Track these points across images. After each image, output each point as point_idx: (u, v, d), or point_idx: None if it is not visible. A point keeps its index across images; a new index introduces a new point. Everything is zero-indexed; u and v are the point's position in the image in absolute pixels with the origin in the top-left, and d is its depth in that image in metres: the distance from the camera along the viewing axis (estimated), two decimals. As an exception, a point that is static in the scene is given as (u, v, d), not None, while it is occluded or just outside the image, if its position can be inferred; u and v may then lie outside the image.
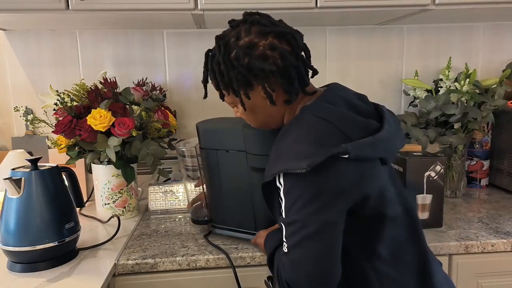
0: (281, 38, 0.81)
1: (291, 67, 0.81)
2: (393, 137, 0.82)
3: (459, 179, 1.51)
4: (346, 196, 0.75)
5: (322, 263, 0.74)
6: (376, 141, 0.77)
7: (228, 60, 0.81)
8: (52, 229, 1.00)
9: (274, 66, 0.79)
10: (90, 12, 1.20)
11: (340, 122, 0.78)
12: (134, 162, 1.33)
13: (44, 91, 1.48)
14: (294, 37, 0.82)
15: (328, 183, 0.73)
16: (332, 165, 0.72)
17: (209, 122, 1.17)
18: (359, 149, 0.74)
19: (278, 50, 0.80)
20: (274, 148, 0.83)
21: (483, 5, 1.28)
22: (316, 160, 0.71)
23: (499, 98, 1.44)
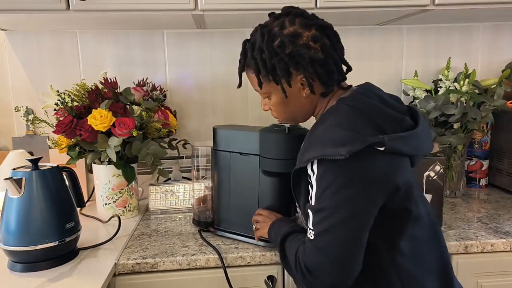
0: (322, 31, 0.84)
1: (331, 60, 0.84)
2: (425, 137, 0.84)
3: (459, 179, 1.51)
4: (379, 186, 0.76)
5: (348, 251, 0.75)
6: (411, 136, 0.79)
7: (272, 47, 0.83)
8: (53, 229, 1.00)
9: (316, 56, 0.82)
10: (91, 13, 1.20)
11: (376, 114, 0.80)
12: (134, 162, 1.34)
13: (45, 91, 1.48)
14: (333, 32, 0.86)
15: (363, 171, 0.75)
16: (368, 155, 0.74)
17: (226, 126, 1.21)
18: (394, 141, 0.76)
19: (320, 42, 0.83)
20: (308, 135, 0.85)
21: (483, 5, 1.28)
22: (355, 148, 0.72)
23: (498, 98, 1.45)
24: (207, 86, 1.63)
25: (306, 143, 0.83)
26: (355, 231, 0.75)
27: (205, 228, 1.22)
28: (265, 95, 0.92)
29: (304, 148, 0.83)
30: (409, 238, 0.82)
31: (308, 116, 0.94)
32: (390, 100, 0.86)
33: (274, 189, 1.09)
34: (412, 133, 0.80)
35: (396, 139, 0.77)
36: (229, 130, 1.15)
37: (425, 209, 0.87)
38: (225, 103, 1.64)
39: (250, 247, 1.10)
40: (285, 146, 1.03)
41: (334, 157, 0.72)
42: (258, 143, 1.08)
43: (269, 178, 1.08)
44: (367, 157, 0.74)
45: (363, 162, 0.74)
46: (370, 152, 0.74)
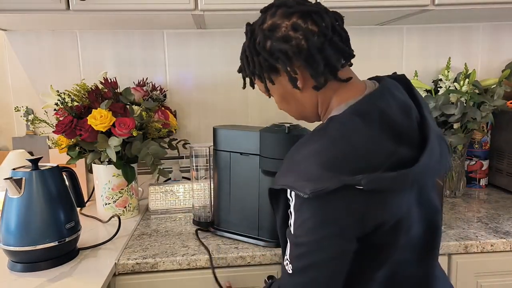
0: (306, 17, 0.75)
1: (315, 49, 0.74)
2: (429, 169, 0.73)
3: (459, 179, 1.51)
4: (356, 225, 0.69)
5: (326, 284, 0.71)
6: (401, 176, 0.69)
7: (253, 46, 0.79)
8: (53, 229, 1.01)
9: (297, 48, 0.74)
10: (91, 13, 1.20)
11: (365, 147, 0.70)
12: (134, 162, 1.34)
13: (45, 91, 1.48)
14: (321, 16, 0.75)
15: (337, 211, 0.68)
16: (344, 193, 0.67)
17: (226, 126, 1.21)
18: (376, 182, 0.67)
19: (301, 30, 0.74)
20: (290, 154, 0.77)
21: (483, 5, 1.28)
22: (321, 188, 0.66)
23: (498, 98, 1.45)
24: (207, 86, 1.63)
25: (285, 165, 0.77)
26: (334, 271, 0.71)
27: (205, 228, 1.23)
28: (266, 93, 0.87)
29: (282, 167, 0.77)
30: (389, 266, 0.76)
31: (314, 114, 0.85)
32: (397, 116, 0.74)
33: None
34: (402, 172, 0.69)
35: (379, 179, 0.67)
36: (229, 130, 1.15)
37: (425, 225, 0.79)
38: (225, 103, 1.64)
39: (250, 247, 1.10)
40: (285, 146, 1.03)
41: (299, 193, 0.68)
42: (258, 143, 1.08)
43: (269, 178, 1.08)
44: (342, 196, 0.67)
45: (337, 201, 0.67)
46: (346, 190, 0.66)
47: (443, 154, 0.77)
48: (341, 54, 0.77)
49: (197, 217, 1.26)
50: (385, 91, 0.77)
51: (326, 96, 0.80)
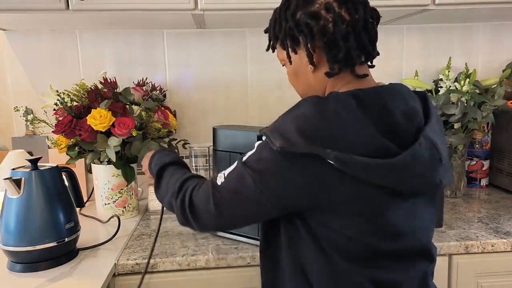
0: (342, 3, 0.74)
1: (340, 36, 0.74)
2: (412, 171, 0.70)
3: (459, 179, 1.51)
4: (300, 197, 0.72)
5: (239, 215, 0.77)
6: (373, 167, 0.68)
7: (284, 11, 0.78)
8: (52, 229, 1.00)
9: (322, 28, 0.74)
10: (90, 12, 1.20)
11: (348, 127, 0.69)
12: (134, 162, 1.33)
13: (44, 91, 1.48)
14: (356, 7, 0.74)
15: (292, 174, 0.70)
16: (309, 162, 0.69)
17: (226, 126, 1.20)
18: (344, 161, 0.67)
19: (333, 13, 0.73)
20: (287, 111, 0.77)
21: (483, 5, 1.28)
22: (290, 148, 0.69)
23: (499, 98, 1.45)
24: (207, 86, 1.63)
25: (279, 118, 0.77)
26: (252, 208, 0.75)
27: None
28: (282, 62, 0.86)
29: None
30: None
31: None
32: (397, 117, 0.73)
33: None
34: (377, 163, 0.67)
35: (350, 161, 0.67)
36: (229, 130, 1.15)
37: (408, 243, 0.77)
38: (225, 103, 1.64)
39: (250, 248, 1.09)
40: None
41: (271, 143, 0.71)
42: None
43: None
44: (304, 164, 0.69)
45: (295, 166, 0.70)
46: (312, 160, 0.68)
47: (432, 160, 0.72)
48: (363, 51, 0.77)
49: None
50: (395, 91, 0.76)
51: (335, 85, 0.80)
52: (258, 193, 0.73)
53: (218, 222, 0.78)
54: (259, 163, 0.73)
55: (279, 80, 1.64)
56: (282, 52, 0.83)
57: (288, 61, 0.83)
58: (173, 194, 0.85)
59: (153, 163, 0.98)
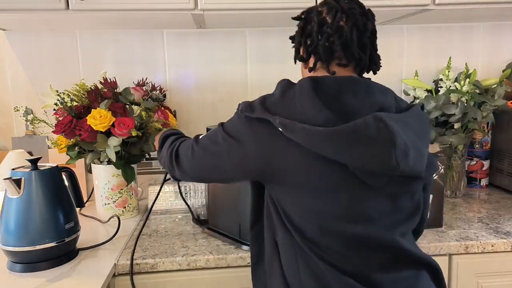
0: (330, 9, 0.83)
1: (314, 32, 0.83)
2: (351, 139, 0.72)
3: (459, 179, 1.51)
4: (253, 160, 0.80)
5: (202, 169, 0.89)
6: (313, 131, 0.73)
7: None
8: (52, 229, 1.00)
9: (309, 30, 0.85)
10: (90, 12, 1.20)
11: (300, 103, 0.78)
12: (134, 162, 1.33)
13: (44, 91, 1.48)
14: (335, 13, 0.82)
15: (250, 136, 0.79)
16: (263, 126, 0.78)
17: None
18: (289, 129, 0.74)
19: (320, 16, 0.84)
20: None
21: (483, 5, 1.28)
22: (249, 113, 0.80)
23: (499, 98, 1.44)
24: (207, 86, 1.63)
25: None
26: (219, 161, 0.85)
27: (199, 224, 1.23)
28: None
29: None
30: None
31: None
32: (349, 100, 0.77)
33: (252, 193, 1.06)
34: (313, 130, 0.73)
35: (289, 127, 0.74)
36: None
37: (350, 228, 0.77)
38: (225, 103, 1.64)
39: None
40: None
41: (239, 108, 0.83)
42: None
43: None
44: (257, 127, 0.78)
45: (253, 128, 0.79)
46: (266, 125, 0.77)
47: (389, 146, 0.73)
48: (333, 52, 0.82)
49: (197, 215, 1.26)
50: (360, 82, 0.81)
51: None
52: (223, 149, 0.83)
53: (193, 169, 0.91)
54: (228, 124, 0.85)
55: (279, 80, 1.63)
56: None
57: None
58: (167, 149, 0.99)
59: (161, 138, 1.10)
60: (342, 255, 0.78)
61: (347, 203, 0.76)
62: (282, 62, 1.63)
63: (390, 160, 0.73)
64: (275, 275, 0.83)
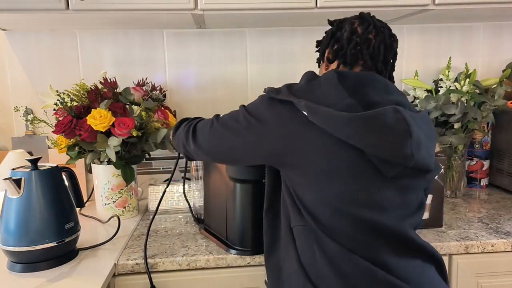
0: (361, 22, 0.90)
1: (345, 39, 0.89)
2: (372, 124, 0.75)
3: (459, 179, 1.51)
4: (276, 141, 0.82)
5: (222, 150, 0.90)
6: (337, 115, 0.75)
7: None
8: (52, 229, 1.00)
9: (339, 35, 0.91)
10: (90, 12, 1.20)
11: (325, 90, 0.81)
12: (134, 162, 1.33)
13: (44, 91, 1.48)
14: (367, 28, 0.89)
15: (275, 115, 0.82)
16: (288, 108, 0.80)
17: None
18: (313, 112, 0.77)
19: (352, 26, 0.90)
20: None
21: (483, 5, 1.28)
22: (274, 95, 0.82)
23: (499, 98, 1.44)
24: (207, 86, 1.63)
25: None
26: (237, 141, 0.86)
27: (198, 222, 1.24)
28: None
29: None
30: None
31: None
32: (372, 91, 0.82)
33: (239, 195, 1.05)
34: (342, 115, 0.75)
35: (315, 110, 0.77)
36: None
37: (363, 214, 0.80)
38: (225, 103, 1.64)
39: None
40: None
41: (264, 92, 0.86)
42: None
43: (232, 183, 1.05)
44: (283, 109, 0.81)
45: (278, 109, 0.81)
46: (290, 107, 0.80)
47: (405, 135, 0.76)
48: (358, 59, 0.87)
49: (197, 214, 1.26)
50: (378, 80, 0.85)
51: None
52: (243, 125, 0.85)
53: (209, 143, 0.92)
54: (251, 105, 0.87)
55: (279, 80, 1.64)
56: None
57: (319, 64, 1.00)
58: (184, 127, 1.02)
59: (177, 122, 1.10)
60: (355, 238, 0.79)
61: (361, 188, 0.78)
62: (282, 62, 1.63)
63: (405, 149, 0.75)
64: (290, 260, 0.84)
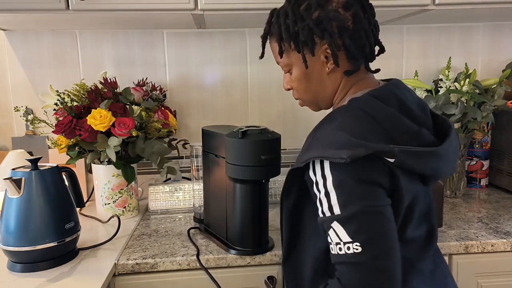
0: (356, 2, 0.77)
1: (363, 31, 0.76)
2: (448, 157, 0.75)
3: (459, 179, 1.51)
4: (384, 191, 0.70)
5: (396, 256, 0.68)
6: (428, 154, 0.71)
7: (298, 10, 0.76)
8: (52, 229, 1.00)
9: (343, 27, 0.75)
10: (90, 12, 1.20)
11: (390, 124, 0.71)
12: (134, 162, 1.33)
13: (44, 91, 1.48)
14: (370, 5, 0.79)
15: (375, 172, 0.68)
16: (374, 163, 0.67)
17: (213, 126, 1.19)
18: (406, 155, 0.68)
19: (352, 10, 0.76)
20: (311, 134, 0.78)
21: (483, 5, 1.28)
22: (358, 153, 0.65)
23: (499, 98, 1.44)
24: (207, 86, 1.63)
25: (308, 143, 0.77)
26: (393, 229, 0.68)
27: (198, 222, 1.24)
28: (286, 68, 0.84)
29: (304, 147, 0.77)
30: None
31: (329, 99, 0.84)
32: (413, 106, 0.77)
33: (239, 195, 1.05)
34: (430, 150, 0.71)
35: (409, 153, 0.69)
36: (209, 130, 1.13)
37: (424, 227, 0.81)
38: (225, 103, 1.64)
39: (250, 247, 1.09)
40: (238, 151, 0.98)
41: (334, 159, 0.66)
42: (224, 146, 1.04)
43: (232, 183, 1.05)
44: (373, 162, 0.67)
45: (371, 165, 0.68)
46: (376, 162, 0.67)
47: (456, 152, 0.80)
48: (377, 45, 0.80)
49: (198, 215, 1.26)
50: (400, 86, 0.80)
51: (348, 83, 0.82)
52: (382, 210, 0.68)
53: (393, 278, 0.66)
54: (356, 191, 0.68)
55: (279, 80, 1.64)
56: (292, 56, 0.81)
57: (301, 65, 0.80)
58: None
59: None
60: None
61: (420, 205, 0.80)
62: (282, 62, 1.62)
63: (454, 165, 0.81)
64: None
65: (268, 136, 0.99)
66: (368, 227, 0.66)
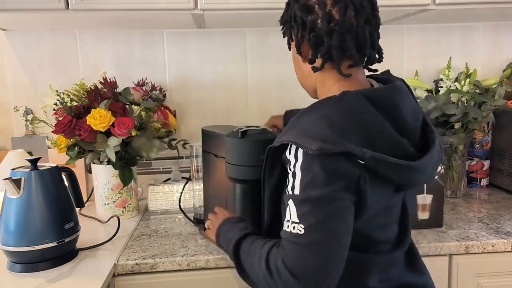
0: (336, 2, 0.76)
1: (325, 33, 0.76)
2: (424, 171, 0.76)
3: (460, 179, 1.50)
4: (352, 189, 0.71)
5: (342, 247, 0.70)
6: (401, 168, 0.72)
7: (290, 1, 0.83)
8: (52, 229, 1.00)
9: (313, 23, 0.77)
10: (90, 12, 1.20)
11: (372, 127, 0.72)
12: (133, 164, 1.33)
13: (44, 91, 1.48)
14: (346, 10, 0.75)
15: (342, 168, 0.69)
16: (345, 159, 0.69)
17: (213, 126, 1.19)
18: (377, 163, 0.69)
19: (323, 10, 0.76)
20: (298, 115, 0.78)
21: (483, 5, 1.28)
22: (327, 149, 0.67)
23: (499, 98, 1.44)
24: (207, 86, 1.62)
25: (289, 125, 0.78)
26: (346, 223, 0.71)
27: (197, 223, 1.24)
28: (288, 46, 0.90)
29: (284, 129, 0.79)
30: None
31: (312, 89, 0.87)
32: (406, 114, 0.76)
33: (239, 195, 1.05)
34: (405, 164, 0.72)
35: (383, 162, 0.70)
36: (209, 130, 1.13)
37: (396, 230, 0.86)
38: (225, 103, 1.64)
39: (250, 248, 1.09)
40: (238, 151, 0.99)
41: (304, 148, 0.69)
42: (224, 146, 1.04)
43: (232, 183, 1.04)
44: (343, 161, 0.69)
45: (339, 162, 0.69)
46: (346, 161, 0.69)
47: (436, 164, 0.81)
48: (345, 52, 0.77)
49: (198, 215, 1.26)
50: (402, 89, 0.79)
51: (324, 80, 0.83)
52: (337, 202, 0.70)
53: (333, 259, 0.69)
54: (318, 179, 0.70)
55: (279, 80, 1.63)
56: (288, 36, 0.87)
57: (288, 47, 0.87)
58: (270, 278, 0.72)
59: (221, 238, 0.94)
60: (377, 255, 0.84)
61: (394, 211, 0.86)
62: (282, 62, 1.62)
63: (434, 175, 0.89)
64: None
65: (268, 136, 0.99)
66: (317, 213, 0.69)
